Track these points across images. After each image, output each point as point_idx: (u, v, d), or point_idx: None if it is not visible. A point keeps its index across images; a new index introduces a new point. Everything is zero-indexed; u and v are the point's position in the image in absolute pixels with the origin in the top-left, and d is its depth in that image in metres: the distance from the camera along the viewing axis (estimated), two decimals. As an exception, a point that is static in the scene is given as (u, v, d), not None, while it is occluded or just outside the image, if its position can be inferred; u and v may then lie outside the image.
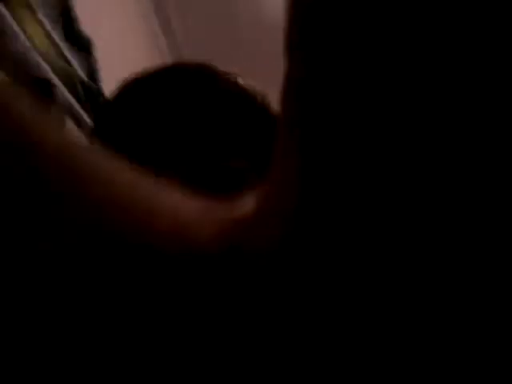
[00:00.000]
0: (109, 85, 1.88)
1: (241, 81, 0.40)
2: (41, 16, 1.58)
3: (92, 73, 1.83)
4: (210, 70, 0.40)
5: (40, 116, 0.17)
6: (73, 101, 1.72)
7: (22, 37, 1.46)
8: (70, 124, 1.69)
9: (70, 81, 1.71)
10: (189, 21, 2.80)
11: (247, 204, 0.17)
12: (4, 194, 0.15)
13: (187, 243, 0.16)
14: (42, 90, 0.59)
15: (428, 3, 0.12)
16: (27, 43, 1.49)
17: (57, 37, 1.68)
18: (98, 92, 1.84)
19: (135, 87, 0.40)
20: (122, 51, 2.24)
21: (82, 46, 1.80)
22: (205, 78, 0.38)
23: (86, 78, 1.80)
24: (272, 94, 0.42)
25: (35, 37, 1.54)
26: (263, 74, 1.54)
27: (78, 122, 1.76)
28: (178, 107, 0.36)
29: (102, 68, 1.88)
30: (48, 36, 1.63)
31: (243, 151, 0.36)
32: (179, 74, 0.39)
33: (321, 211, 0.13)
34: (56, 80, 1.56)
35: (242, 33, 2.84)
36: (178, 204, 0.18)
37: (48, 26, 1.62)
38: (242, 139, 0.36)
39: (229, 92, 0.38)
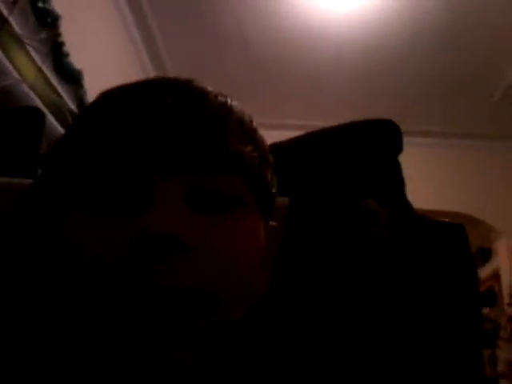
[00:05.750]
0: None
1: (230, 101, 0.38)
2: (30, 50, 1.63)
3: (81, 103, 1.86)
4: (197, 86, 0.37)
5: None
6: (62, 131, 1.75)
7: (11, 68, 1.49)
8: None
9: (59, 111, 1.74)
10: (178, 51, 2.88)
11: None
12: None
13: None
14: (33, 119, 0.60)
15: None
16: (16, 75, 1.52)
17: (47, 70, 1.72)
18: (88, 122, 1.87)
19: (108, 99, 0.37)
20: (112, 82, 2.28)
21: (71, 77, 1.83)
22: (196, 96, 0.35)
23: (75, 109, 1.83)
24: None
25: (24, 69, 1.58)
26: (246, 101, 1.56)
27: (68, 151, 1.78)
28: (166, 128, 0.33)
29: (91, 98, 1.91)
30: (38, 69, 1.67)
31: (235, 173, 0.34)
32: (166, 88, 0.35)
33: None
34: (45, 110, 1.59)
35: (227, 59, 2.91)
36: None
37: (38, 60, 1.67)
38: (227, 162, 0.34)
39: (216, 111, 0.35)
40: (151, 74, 2.96)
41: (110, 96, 0.37)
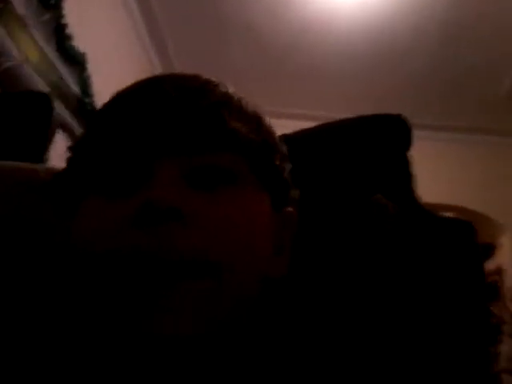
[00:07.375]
0: (102, 98, 1.90)
1: (232, 90, 0.39)
2: (34, 31, 1.61)
3: (85, 87, 1.84)
4: (201, 79, 0.39)
5: None
6: (66, 113, 1.73)
7: (15, 50, 1.47)
8: (62, 137, 1.70)
9: (62, 94, 1.72)
10: (180, 34, 2.84)
11: None
12: None
13: None
14: (41, 104, 0.60)
15: None
16: (20, 56, 1.51)
17: (50, 52, 1.70)
18: (91, 105, 1.85)
19: (123, 97, 0.39)
20: (115, 65, 2.27)
21: (75, 60, 1.82)
22: (197, 87, 0.37)
23: (79, 92, 1.82)
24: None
25: (28, 51, 1.56)
26: (253, 90, 1.55)
27: (71, 134, 1.77)
28: (165, 114, 0.35)
29: (95, 82, 1.89)
30: (41, 51, 1.65)
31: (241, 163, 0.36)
32: (169, 81, 0.37)
33: None
34: (48, 92, 1.57)
35: (233, 49, 2.88)
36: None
37: (41, 42, 1.65)
38: (237, 151, 0.36)
39: (216, 98, 0.36)
40: (154, 60, 2.93)
41: (119, 93, 0.40)
